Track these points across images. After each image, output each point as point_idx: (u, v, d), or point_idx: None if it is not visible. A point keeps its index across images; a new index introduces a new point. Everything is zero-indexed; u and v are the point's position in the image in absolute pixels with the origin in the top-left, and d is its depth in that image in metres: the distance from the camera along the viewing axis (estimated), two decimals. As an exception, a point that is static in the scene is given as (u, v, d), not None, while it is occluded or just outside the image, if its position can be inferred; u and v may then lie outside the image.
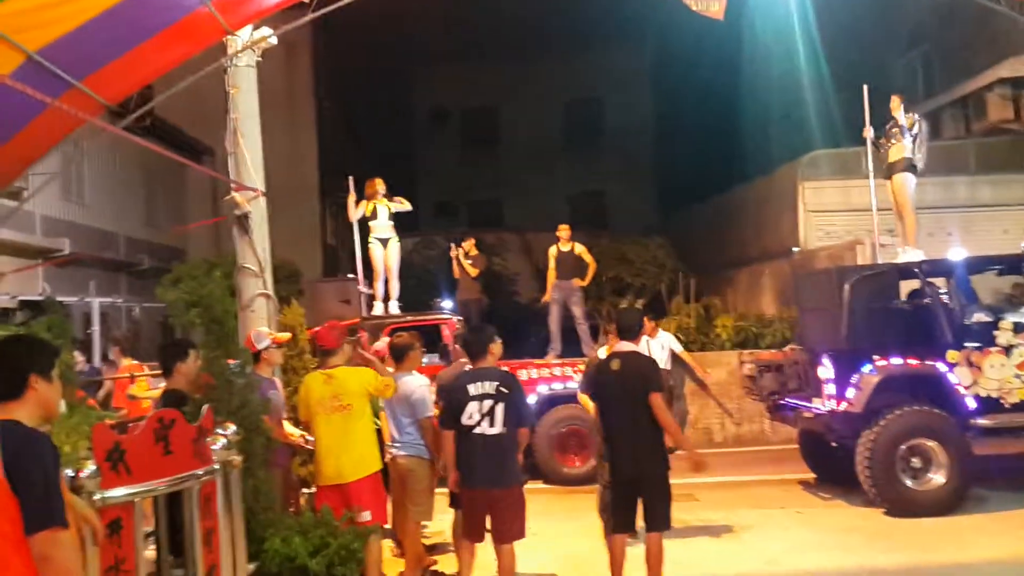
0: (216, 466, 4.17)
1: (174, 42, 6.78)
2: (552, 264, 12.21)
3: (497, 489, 5.68)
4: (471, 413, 5.64)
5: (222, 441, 4.25)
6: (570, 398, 9.87)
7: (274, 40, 7.12)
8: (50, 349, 3.10)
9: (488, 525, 5.81)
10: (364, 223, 11.18)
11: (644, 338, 10.58)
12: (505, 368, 6.26)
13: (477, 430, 5.63)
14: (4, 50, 5.45)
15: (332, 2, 6.97)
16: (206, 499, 4.09)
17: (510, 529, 5.69)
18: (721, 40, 20.72)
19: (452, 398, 5.78)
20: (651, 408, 5.71)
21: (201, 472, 4.04)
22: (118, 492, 3.58)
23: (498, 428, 5.62)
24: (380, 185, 11.18)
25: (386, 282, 11.08)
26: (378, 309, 10.97)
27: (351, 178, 11.35)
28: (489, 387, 5.67)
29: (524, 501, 5.85)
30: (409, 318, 10.54)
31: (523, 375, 10.39)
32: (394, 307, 11.07)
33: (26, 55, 5.62)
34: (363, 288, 11.12)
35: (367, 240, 11.13)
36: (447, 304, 11.91)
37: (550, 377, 10.55)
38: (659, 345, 11.14)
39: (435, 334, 10.27)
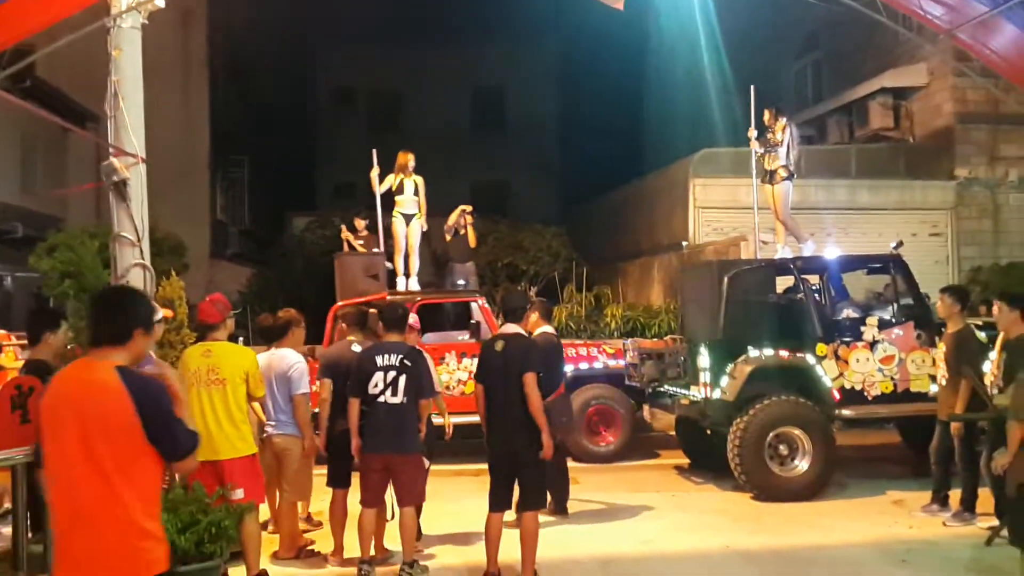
0: (77, 437, 4.00)
1: (53, -2, 6.52)
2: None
3: (398, 455, 6.11)
4: (376, 382, 6.08)
5: (85, 412, 4.09)
6: (595, 378, 10.38)
7: (161, 2, 6.88)
8: (152, 307, 3.57)
9: (387, 493, 6.19)
10: (388, 197, 11.11)
11: None
12: (412, 345, 6.46)
13: (381, 398, 6.08)
14: None
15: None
16: (65, 471, 3.93)
17: (411, 492, 6.17)
18: (624, 37, 21.20)
19: (361, 367, 6.16)
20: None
21: (62, 443, 3.88)
22: (-33, 460, 3.42)
23: (399, 398, 6.08)
24: (410, 159, 11.00)
25: (407, 257, 10.92)
26: (400, 285, 10.85)
27: (375, 150, 11.19)
28: (394, 359, 6.12)
29: (424, 468, 6.36)
30: (439, 295, 10.61)
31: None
32: (413, 284, 11.00)
33: None
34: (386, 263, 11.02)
35: (391, 214, 11.10)
36: (461, 282, 11.95)
37: (575, 357, 10.48)
38: None
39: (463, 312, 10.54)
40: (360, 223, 12.62)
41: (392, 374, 6.08)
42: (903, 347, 8.72)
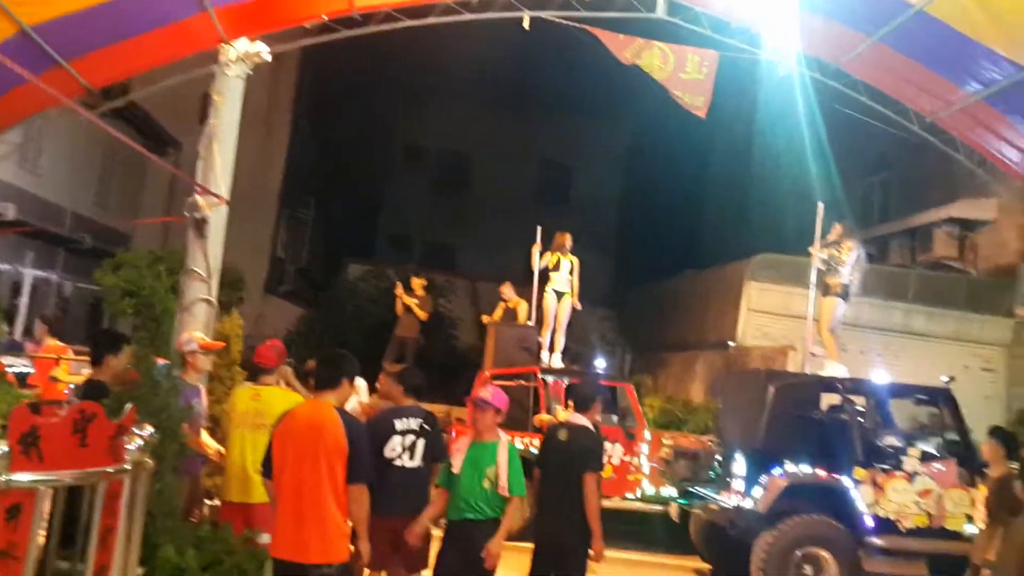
0: (128, 466, 4.14)
1: (170, 40, 6.91)
2: (499, 314, 12.51)
3: (407, 518, 5.84)
4: (394, 446, 5.91)
5: (138, 442, 4.23)
6: None
7: (268, 56, 7.23)
8: (356, 364, 4.96)
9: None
10: (544, 273, 11.51)
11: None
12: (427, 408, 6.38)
13: (397, 462, 5.90)
14: (-1, 20, 5.50)
15: (332, 31, 7.11)
16: (111, 497, 4.05)
17: (416, 557, 5.90)
18: (696, 133, 21.43)
19: (377, 431, 5.94)
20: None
21: (112, 470, 4.01)
22: (25, 477, 3.55)
23: (417, 462, 5.93)
24: (568, 239, 11.26)
25: (553, 333, 11.19)
26: (544, 359, 11.08)
27: (539, 227, 11.67)
28: (414, 423, 5.99)
29: (431, 533, 6.03)
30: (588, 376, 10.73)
31: None
32: (556, 360, 11.20)
33: (19, 27, 5.68)
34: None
35: (543, 289, 11.44)
36: (600, 363, 12.17)
37: None
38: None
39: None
40: (418, 283, 12.81)
41: (411, 438, 5.97)
42: (943, 483, 8.55)
